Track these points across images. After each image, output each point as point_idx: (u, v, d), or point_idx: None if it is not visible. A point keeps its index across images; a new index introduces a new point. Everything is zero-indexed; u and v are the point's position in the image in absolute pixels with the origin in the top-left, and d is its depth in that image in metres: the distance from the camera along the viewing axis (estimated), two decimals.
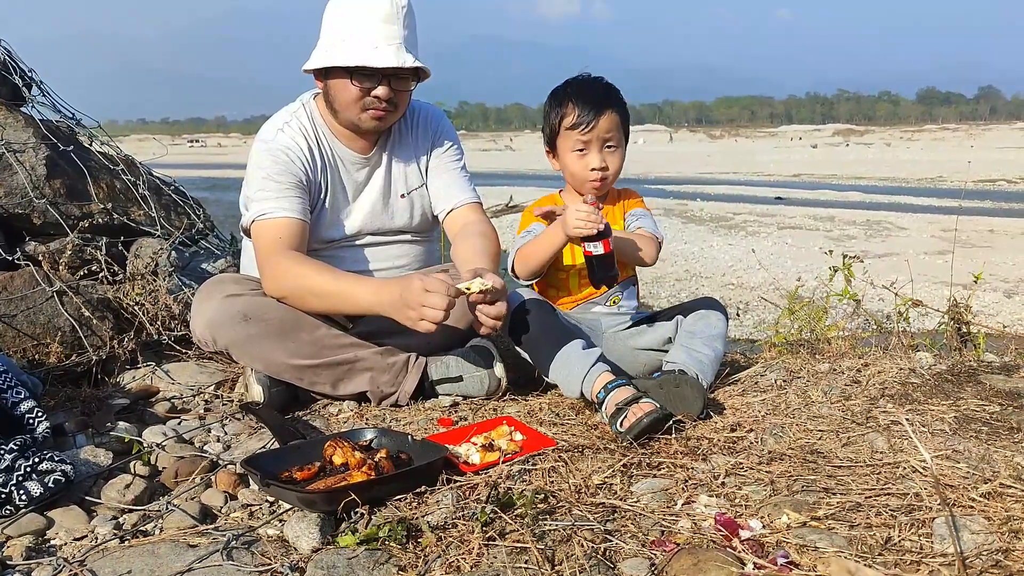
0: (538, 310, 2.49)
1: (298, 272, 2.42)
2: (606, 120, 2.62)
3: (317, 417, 2.47)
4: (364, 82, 2.50)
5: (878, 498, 1.70)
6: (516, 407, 2.49)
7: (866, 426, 2.14)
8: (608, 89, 2.69)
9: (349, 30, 2.47)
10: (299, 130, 2.62)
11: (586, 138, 2.63)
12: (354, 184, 2.71)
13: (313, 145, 2.63)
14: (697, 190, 30.19)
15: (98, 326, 2.87)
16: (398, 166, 2.76)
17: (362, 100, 2.53)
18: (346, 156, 2.69)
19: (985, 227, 17.71)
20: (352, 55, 2.45)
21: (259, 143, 2.61)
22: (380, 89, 2.51)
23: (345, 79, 2.51)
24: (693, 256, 15.29)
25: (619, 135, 2.68)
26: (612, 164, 2.68)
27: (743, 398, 2.45)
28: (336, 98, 2.57)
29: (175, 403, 2.62)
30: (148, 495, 1.94)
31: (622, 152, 2.71)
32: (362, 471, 1.85)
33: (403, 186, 2.77)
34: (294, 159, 2.57)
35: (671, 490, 1.81)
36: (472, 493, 1.81)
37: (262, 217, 2.50)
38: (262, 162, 2.56)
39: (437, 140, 2.81)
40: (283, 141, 2.58)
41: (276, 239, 2.47)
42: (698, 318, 2.62)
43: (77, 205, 3.41)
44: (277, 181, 2.53)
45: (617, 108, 2.66)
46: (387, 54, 2.45)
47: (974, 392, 2.37)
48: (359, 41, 2.45)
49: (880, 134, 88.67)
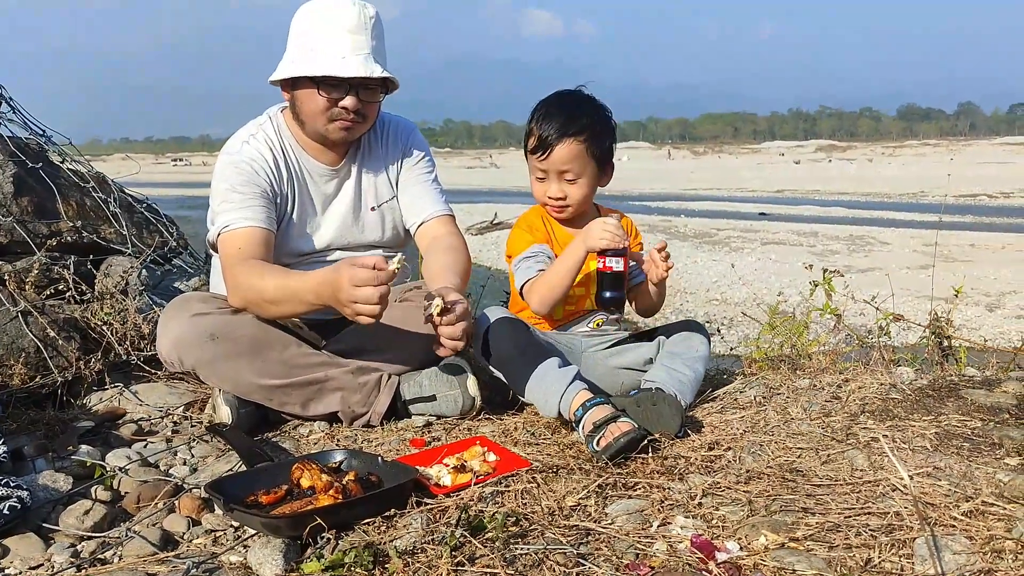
0: (511, 328, 2.44)
1: (252, 280, 2.38)
2: (562, 151, 2.52)
3: (287, 438, 2.41)
4: (331, 92, 2.46)
5: (858, 518, 1.66)
6: (491, 427, 2.44)
7: (846, 443, 2.10)
8: (576, 114, 2.54)
9: (316, 40, 2.44)
10: (264, 142, 2.58)
11: (543, 167, 2.57)
12: (323, 196, 2.67)
13: (279, 156, 2.59)
14: (681, 206, 30.28)
15: (64, 347, 2.80)
16: (368, 179, 2.72)
17: (329, 111, 2.49)
18: (314, 168, 2.64)
19: (967, 242, 17.82)
20: (319, 65, 2.41)
21: (224, 156, 2.57)
22: (348, 100, 2.47)
23: (312, 89, 2.47)
24: (677, 272, 15.28)
25: (580, 165, 2.55)
26: (572, 193, 2.58)
27: (722, 415, 2.41)
28: (303, 109, 2.53)
29: (142, 425, 2.56)
30: (108, 521, 1.87)
31: (588, 181, 2.59)
32: (329, 494, 1.79)
33: (373, 199, 2.72)
34: (258, 170, 2.52)
35: (647, 511, 1.76)
36: (442, 516, 1.76)
37: (226, 229, 2.46)
38: (226, 174, 2.52)
39: (407, 152, 2.76)
40: (248, 153, 2.54)
41: (236, 250, 2.42)
42: (680, 339, 2.58)
43: (45, 223, 3.34)
44: (241, 192, 2.48)
45: (583, 135, 2.52)
46: (354, 64, 2.41)
47: (955, 407, 2.34)
48: (326, 51, 2.41)
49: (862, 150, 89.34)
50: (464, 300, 2.28)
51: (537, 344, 2.44)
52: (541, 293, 2.51)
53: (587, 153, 2.55)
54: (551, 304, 2.53)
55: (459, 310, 2.23)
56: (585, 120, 2.54)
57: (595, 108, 2.60)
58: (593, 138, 2.55)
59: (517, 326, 2.46)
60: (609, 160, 2.64)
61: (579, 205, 2.62)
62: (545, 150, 2.53)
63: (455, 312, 2.22)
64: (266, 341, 2.41)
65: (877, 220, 24.70)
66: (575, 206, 2.61)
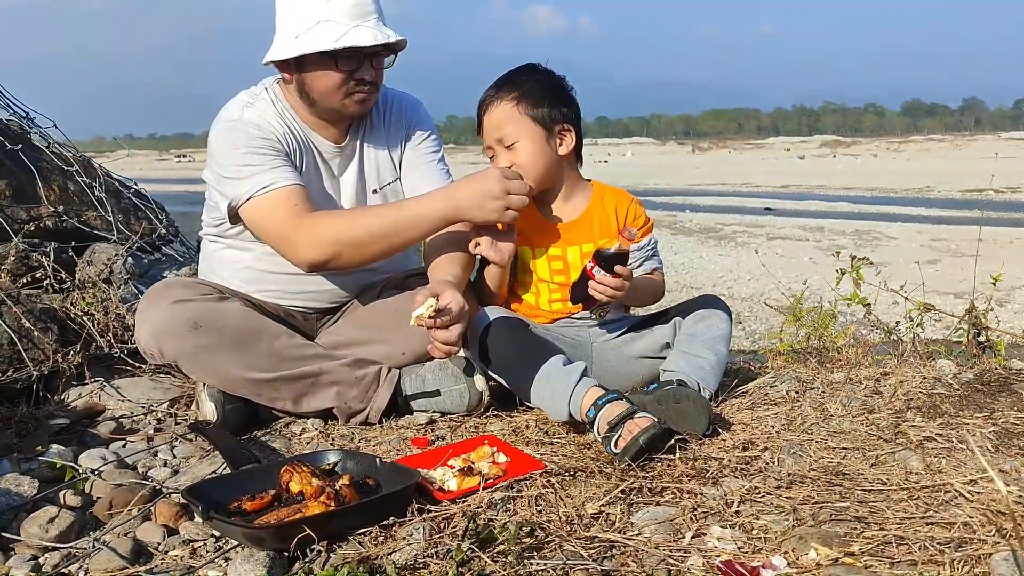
0: (509, 329, 2.26)
1: (344, 222, 2.29)
2: (492, 115, 2.37)
3: (277, 437, 2.23)
4: (348, 65, 2.30)
5: (920, 529, 1.47)
6: (500, 424, 2.26)
7: (895, 443, 1.91)
8: (509, 78, 2.39)
9: (320, 11, 2.26)
10: (268, 108, 2.41)
11: (486, 143, 2.40)
12: (330, 175, 2.50)
13: (285, 126, 2.41)
14: (686, 201, 30.13)
15: (40, 338, 2.61)
16: (370, 159, 2.54)
17: (345, 85, 2.32)
18: (321, 144, 2.47)
19: (975, 236, 17.63)
20: (331, 38, 2.24)
21: (223, 123, 2.37)
22: (365, 71, 2.32)
23: (324, 67, 2.30)
24: (683, 267, 15.16)
25: (514, 127, 2.34)
26: (520, 160, 2.35)
27: (753, 412, 2.22)
28: (315, 87, 2.34)
29: (122, 423, 2.40)
30: (76, 530, 1.71)
31: (531, 145, 2.35)
32: (320, 501, 1.63)
33: (375, 181, 2.55)
34: (268, 134, 2.35)
35: (677, 520, 1.58)
36: (447, 525, 1.60)
37: (264, 191, 2.27)
38: (235, 140, 2.32)
39: (411, 131, 2.58)
40: (252, 117, 2.37)
41: (293, 207, 2.26)
42: (698, 319, 2.37)
43: (24, 208, 3.17)
44: (261, 153, 2.31)
45: (511, 94, 2.35)
46: (367, 33, 2.26)
47: (1010, 403, 2.15)
48: (337, 22, 2.24)
49: (867, 145, 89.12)
50: (460, 299, 2.11)
51: (539, 343, 2.25)
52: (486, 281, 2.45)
53: (520, 112, 2.34)
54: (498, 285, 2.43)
55: (454, 311, 2.07)
56: (518, 81, 2.38)
57: (536, 73, 2.42)
58: (524, 96, 2.35)
59: (515, 325, 2.27)
60: (556, 121, 2.38)
61: (534, 174, 2.36)
62: (479, 121, 2.39)
63: (450, 314, 2.07)
64: (254, 331, 2.24)
65: (883, 215, 24.54)
66: (529, 176, 2.34)
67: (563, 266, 2.44)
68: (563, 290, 2.45)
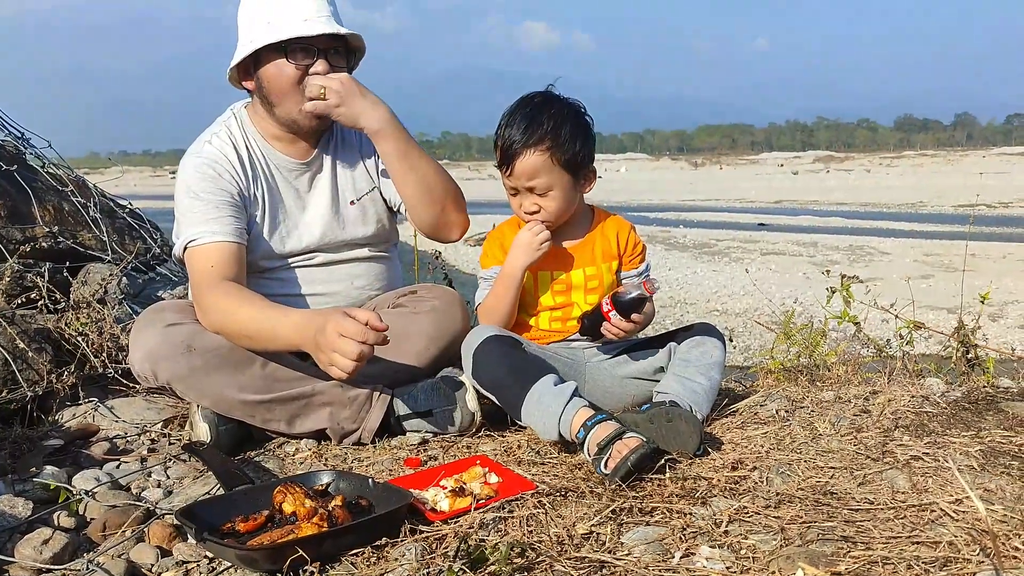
0: (501, 347, 2.26)
1: (226, 307, 2.22)
2: (524, 164, 2.31)
3: (271, 458, 2.23)
4: (300, 58, 2.32)
5: (906, 548, 1.48)
6: (492, 444, 2.26)
7: (883, 462, 1.92)
8: (535, 120, 2.31)
9: (274, 10, 2.31)
10: (228, 140, 2.42)
11: (511, 183, 2.38)
12: (295, 193, 2.50)
13: (243, 153, 2.42)
14: (680, 217, 30.18)
15: (34, 359, 2.62)
16: (344, 170, 2.56)
17: (299, 86, 2.34)
18: (282, 163, 2.48)
19: (967, 251, 17.69)
20: (283, 31, 2.29)
21: (185, 159, 2.41)
22: (319, 64, 2.33)
23: (279, 61, 2.33)
24: (678, 283, 15.17)
25: (547, 177, 2.32)
26: (546, 206, 2.36)
27: (743, 431, 2.23)
28: (272, 88, 2.37)
29: (116, 443, 2.38)
30: (70, 552, 1.70)
31: (561, 192, 2.35)
32: (312, 522, 1.63)
33: (352, 192, 2.55)
34: (222, 172, 2.36)
35: (667, 540, 1.58)
36: (439, 546, 1.60)
37: (193, 244, 2.29)
38: (188, 180, 2.35)
39: None
40: (209, 153, 2.39)
41: (207, 268, 2.26)
42: (693, 345, 2.39)
43: (19, 228, 3.17)
44: (204, 200, 2.31)
45: (543, 144, 2.29)
46: (319, 25, 2.30)
47: (996, 421, 2.16)
48: (288, 16, 2.30)
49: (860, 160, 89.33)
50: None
51: (530, 362, 2.25)
52: (488, 316, 2.44)
53: (552, 162, 2.31)
54: (503, 321, 2.43)
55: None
56: (546, 126, 2.30)
57: (559, 110, 2.35)
58: (556, 146, 2.30)
59: (507, 344, 2.28)
60: (585, 164, 2.38)
61: (557, 217, 2.39)
62: (508, 164, 2.34)
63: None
64: (247, 353, 2.24)
65: (877, 230, 24.60)
66: (553, 219, 2.39)
67: (565, 287, 2.46)
68: (564, 310, 2.47)
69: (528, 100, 2.38)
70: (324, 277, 2.52)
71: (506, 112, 2.38)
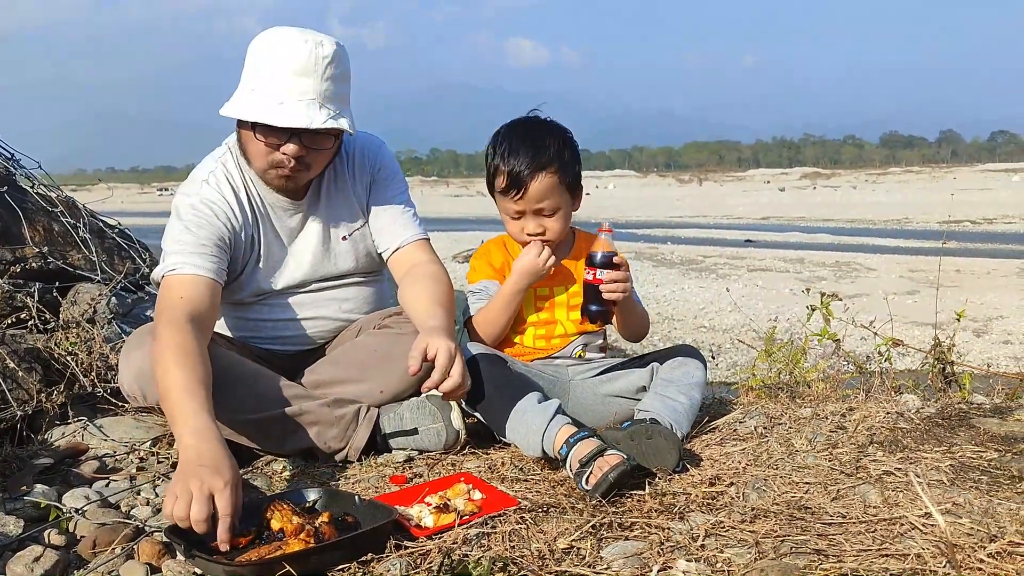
0: (487, 365, 2.32)
1: (167, 354, 2.04)
2: (537, 187, 2.39)
3: (259, 475, 2.26)
4: (269, 137, 2.26)
5: (876, 560, 1.53)
6: (476, 462, 2.30)
7: (856, 477, 1.97)
8: (541, 144, 2.40)
9: (258, 80, 2.23)
10: (225, 179, 2.41)
11: (519, 207, 2.44)
12: (288, 231, 2.51)
13: (241, 194, 2.42)
14: (667, 233, 30.25)
15: (24, 378, 2.64)
16: (336, 208, 2.55)
17: (270, 156, 2.29)
18: (277, 203, 2.48)
19: (952, 267, 17.81)
20: (253, 109, 2.22)
21: (181, 196, 2.39)
22: (288, 146, 2.25)
23: (249, 132, 2.29)
24: (665, 299, 15.19)
25: (555, 198, 2.43)
26: (551, 227, 2.46)
27: (721, 448, 2.28)
28: (246, 149, 2.36)
29: (105, 462, 2.42)
30: (61, 569, 1.74)
31: (564, 212, 2.47)
32: (300, 538, 1.66)
33: (345, 228, 2.56)
34: (218, 213, 2.36)
35: (645, 554, 1.63)
36: (424, 561, 1.63)
37: (172, 272, 2.26)
38: (182, 214, 2.35)
39: (377, 174, 2.58)
40: (207, 194, 2.37)
41: (178, 298, 2.20)
42: (675, 366, 2.45)
43: (9, 249, 3.20)
44: (194, 234, 2.31)
45: (553, 166, 2.39)
46: (293, 112, 2.18)
47: (968, 437, 2.22)
48: (264, 94, 2.20)
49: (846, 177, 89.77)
50: (448, 344, 2.13)
51: (515, 379, 2.31)
52: (483, 328, 2.50)
53: (560, 184, 2.43)
54: (495, 337, 2.49)
55: (443, 362, 2.10)
56: (552, 149, 2.41)
57: (558, 134, 2.47)
58: (563, 168, 2.43)
59: (492, 362, 2.34)
60: (579, 185, 2.52)
61: (559, 236, 2.50)
62: (519, 188, 2.40)
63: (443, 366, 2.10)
64: (236, 373, 2.26)
65: (863, 246, 24.72)
66: (556, 239, 2.49)
67: (549, 304, 2.54)
68: (548, 327, 2.53)
69: (523, 124, 2.48)
70: (314, 301, 2.56)
71: (501, 138, 2.45)
